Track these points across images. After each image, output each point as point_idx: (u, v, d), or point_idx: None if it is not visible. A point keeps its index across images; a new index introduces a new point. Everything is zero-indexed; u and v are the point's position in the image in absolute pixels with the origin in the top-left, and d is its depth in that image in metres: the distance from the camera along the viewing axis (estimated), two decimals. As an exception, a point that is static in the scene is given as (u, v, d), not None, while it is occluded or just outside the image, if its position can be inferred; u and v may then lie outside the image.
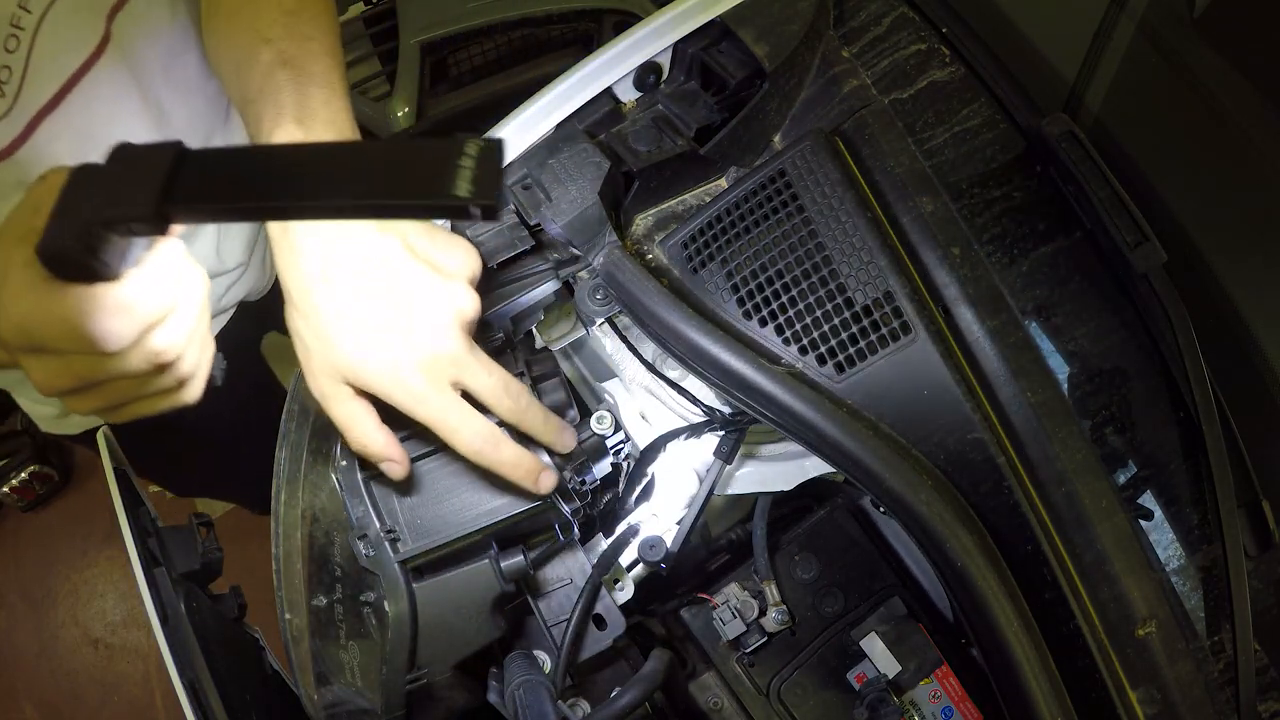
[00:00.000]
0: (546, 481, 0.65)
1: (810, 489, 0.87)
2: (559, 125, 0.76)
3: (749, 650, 0.87)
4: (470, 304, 0.61)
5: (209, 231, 0.98)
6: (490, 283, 0.72)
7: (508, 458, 0.63)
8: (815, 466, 0.83)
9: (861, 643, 0.84)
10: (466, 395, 0.62)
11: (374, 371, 0.59)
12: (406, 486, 0.69)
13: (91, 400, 0.53)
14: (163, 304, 0.50)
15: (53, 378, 0.50)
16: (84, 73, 0.75)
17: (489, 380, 0.62)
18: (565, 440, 0.67)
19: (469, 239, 0.69)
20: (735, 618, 0.85)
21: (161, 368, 0.53)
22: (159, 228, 0.44)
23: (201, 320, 0.55)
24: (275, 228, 0.61)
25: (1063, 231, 0.78)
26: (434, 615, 0.70)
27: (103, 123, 0.79)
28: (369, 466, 0.69)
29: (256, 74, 0.66)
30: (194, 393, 0.57)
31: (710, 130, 0.76)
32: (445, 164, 0.40)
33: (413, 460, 0.70)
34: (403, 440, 0.70)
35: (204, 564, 0.81)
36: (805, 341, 0.67)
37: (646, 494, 0.84)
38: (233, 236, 1.02)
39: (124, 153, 0.44)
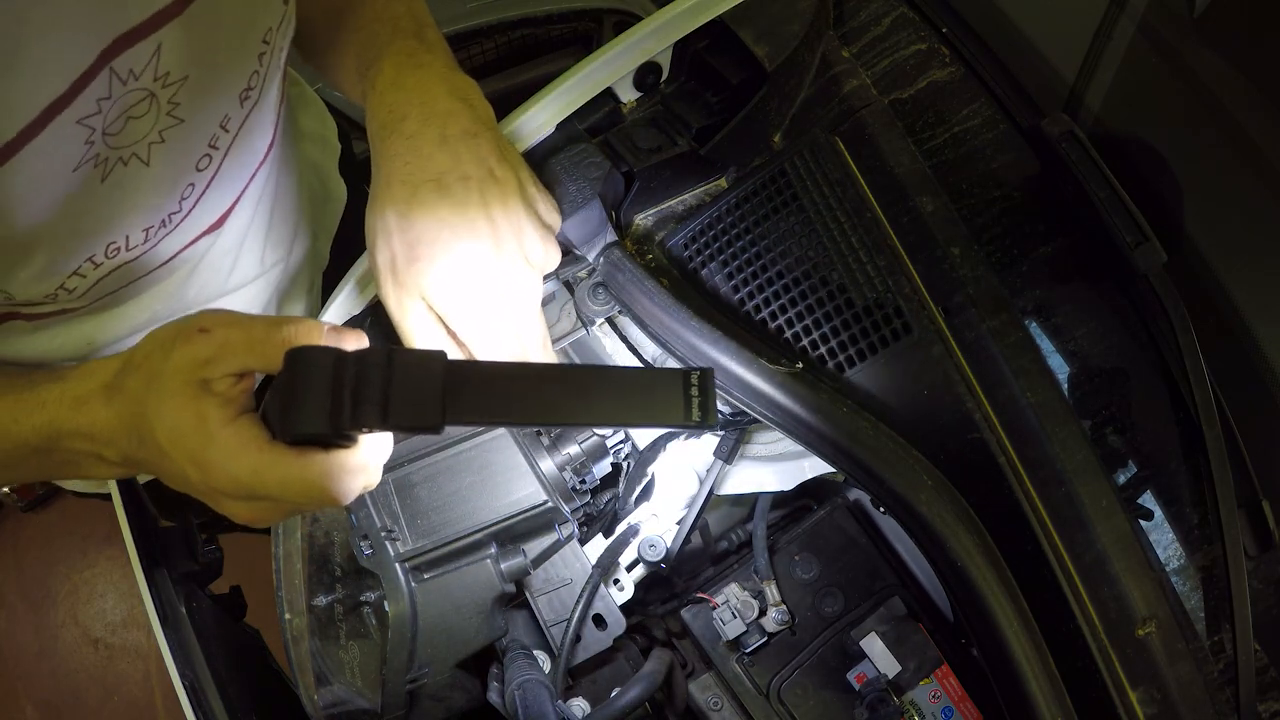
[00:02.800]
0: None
1: (810, 489, 0.87)
2: (559, 125, 0.76)
3: (749, 650, 0.87)
4: (537, 293, 0.66)
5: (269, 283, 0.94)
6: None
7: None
8: (815, 466, 0.83)
9: (861, 643, 0.84)
10: None
11: (456, 308, 0.62)
12: (406, 486, 0.69)
13: (272, 520, 0.57)
14: (385, 455, 0.55)
15: (259, 516, 0.54)
16: (251, 179, 0.73)
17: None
18: None
19: None
20: (735, 618, 0.85)
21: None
22: (436, 430, 0.49)
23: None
24: (381, 138, 0.63)
25: (1063, 231, 0.78)
26: (434, 615, 0.70)
27: (242, 234, 0.77)
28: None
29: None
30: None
31: (710, 130, 0.76)
32: (678, 393, 0.49)
33: (413, 460, 0.70)
34: (407, 440, 0.70)
35: (204, 564, 0.81)
36: (805, 341, 0.67)
37: (646, 494, 0.84)
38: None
39: (384, 355, 0.48)
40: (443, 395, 0.47)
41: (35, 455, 0.56)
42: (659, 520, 0.83)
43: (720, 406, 0.80)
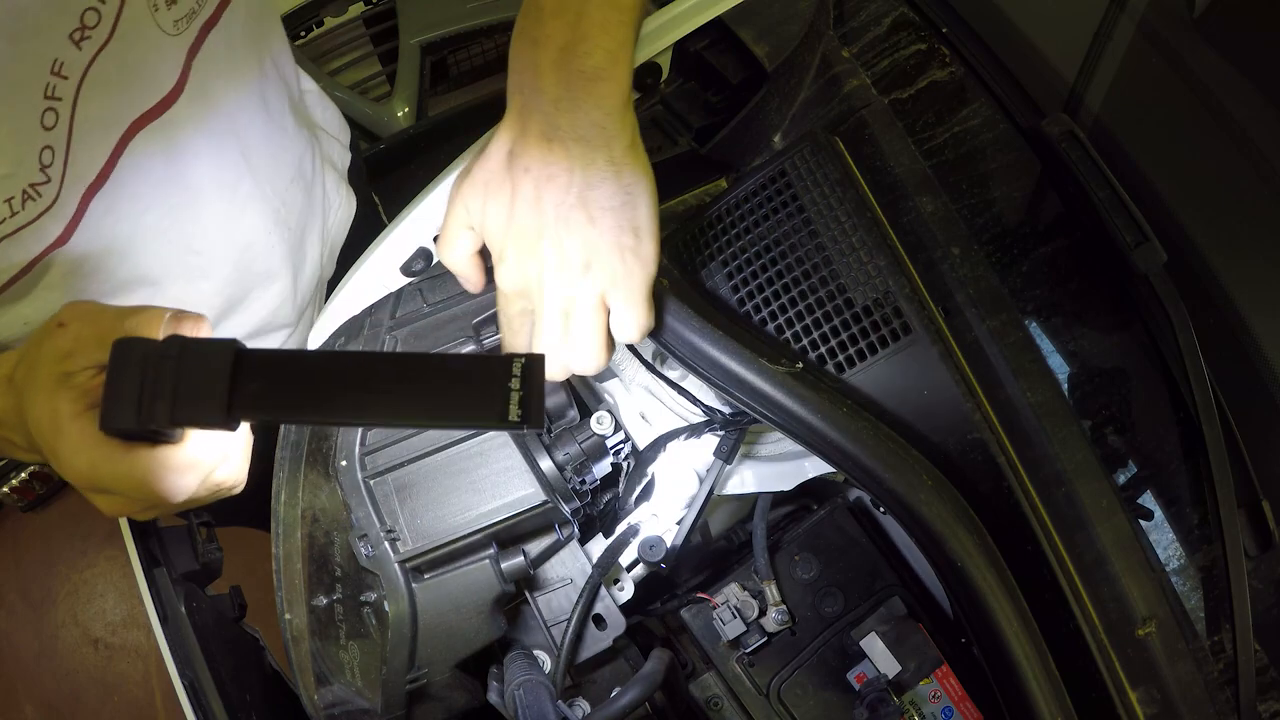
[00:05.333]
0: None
1: (810, 489, 0.87)
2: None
3: (749, 650, 0.87)
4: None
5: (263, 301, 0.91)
6: (489, 283, 0.72)
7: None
8: (815, 466, 0.83)
9: (861, 643, 0.84)
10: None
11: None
12: (407, 486, 0.69)
13: (155, 514, 0.57)
14: (222, 451, 0.54)
15: (118, 509, 0.54)
16: (140, 126, 0.67)
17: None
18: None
19: None
20: (735, 618, 0.85)
21: (219, 490, 0.57)
22: (226, 428, 0.47)
23: (248, 442, 0.58)
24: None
25: (1063, 231, 0.78)
26: (434, 615, 0.70)
27: (161, 185, 0.71)
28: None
29: None
30: (239, 489, 0.60)
31: (710, 130, 0.76)
32: (496, 386, 0.43)
33: (413, 460, 0.70)
34: (406, 438, 0.70)
35: (204, 564, 0.81)
36: (805, 341, 0.67)
37: (646, 494, 0.84)
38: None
39: (177, 347, 0.46)
40: (229, 391, 0.45)
41: None
42: (659, 520, 0.83)
43: (720, 406, 0.80)
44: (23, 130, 0.58)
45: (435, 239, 0.69)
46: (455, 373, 0.45)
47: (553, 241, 0.57)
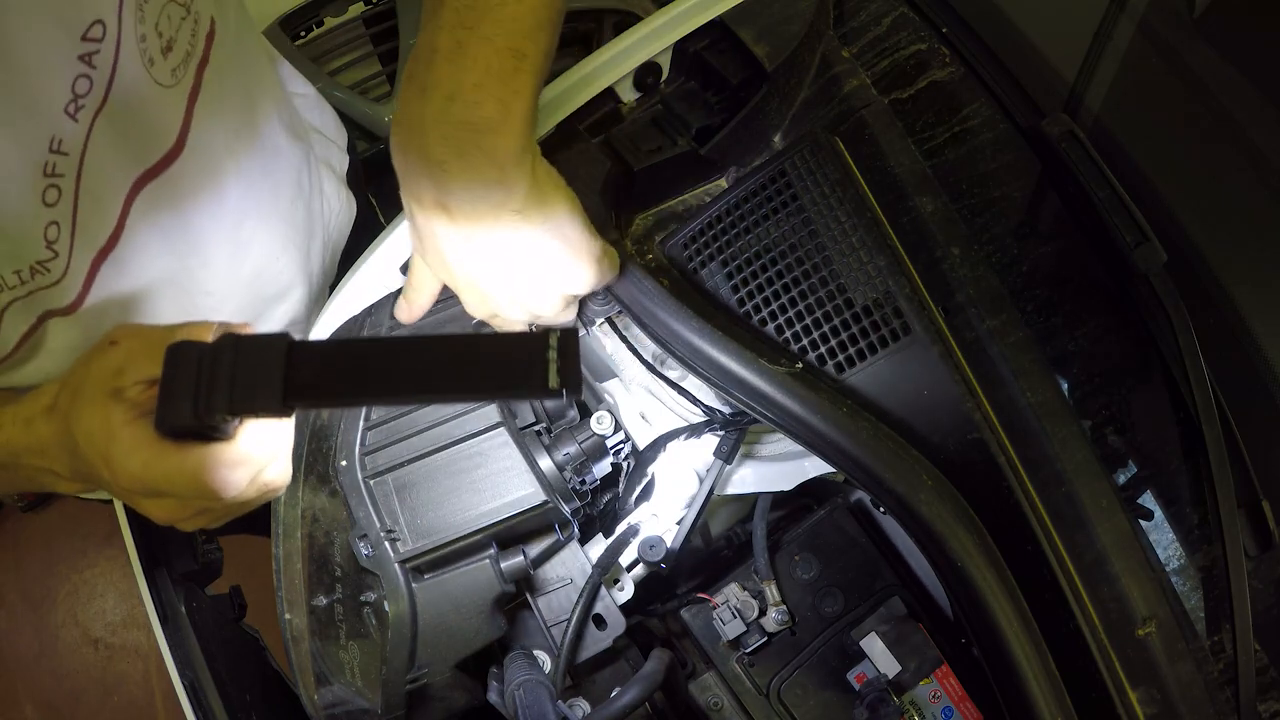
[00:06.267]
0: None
1: (810, 489, 0.87)
2: (559, 125, 0.76)
3: (749, 650, 0.87)
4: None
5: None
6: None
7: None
8: (815, 466, 0.83)
9: (861, 643, 0.84)
10: None
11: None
12: (406, 486, 0.69)
13: (204, 521, 0.58)
14: (273, 449, 0.55)
15: (171, 514, 0.55)
16: (145, 182, 0.66)
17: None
18: None
19: None
20: (735, 618, 0.85)
21: (269, 491, 0.57)
22: (282, 416, 0.49)
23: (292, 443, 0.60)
24: (402, 149, 0.59)
25: (1063, 231, 0.78)
26: (434, 615, 0.70)
27: (168, 236, 0.70)
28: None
29: None
30: (285, 490, 0.61)
31: (710, 130, 0.76)
32: (537, 358, 0.45)
33: (413, 460, 0.70)
34: (406, 438, 0.70)
35: (204, 564, 0.81)
36: (805, 342, 0.67)
37: (646, 494, 0.84)
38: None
39: (232, 341, 0.48)
40: (285, 378, 0.46)
41: (3, 470, 0.59)
42: (659, 520, 0.83)
43: (720, 406, 0.80)
44: (24, 213, 0.58)
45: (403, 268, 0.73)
46: (496, 349, 0.47)
47: (492, 285, 0.61)
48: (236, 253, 0.78)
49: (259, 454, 0.53)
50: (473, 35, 0.54)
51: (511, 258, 0.60)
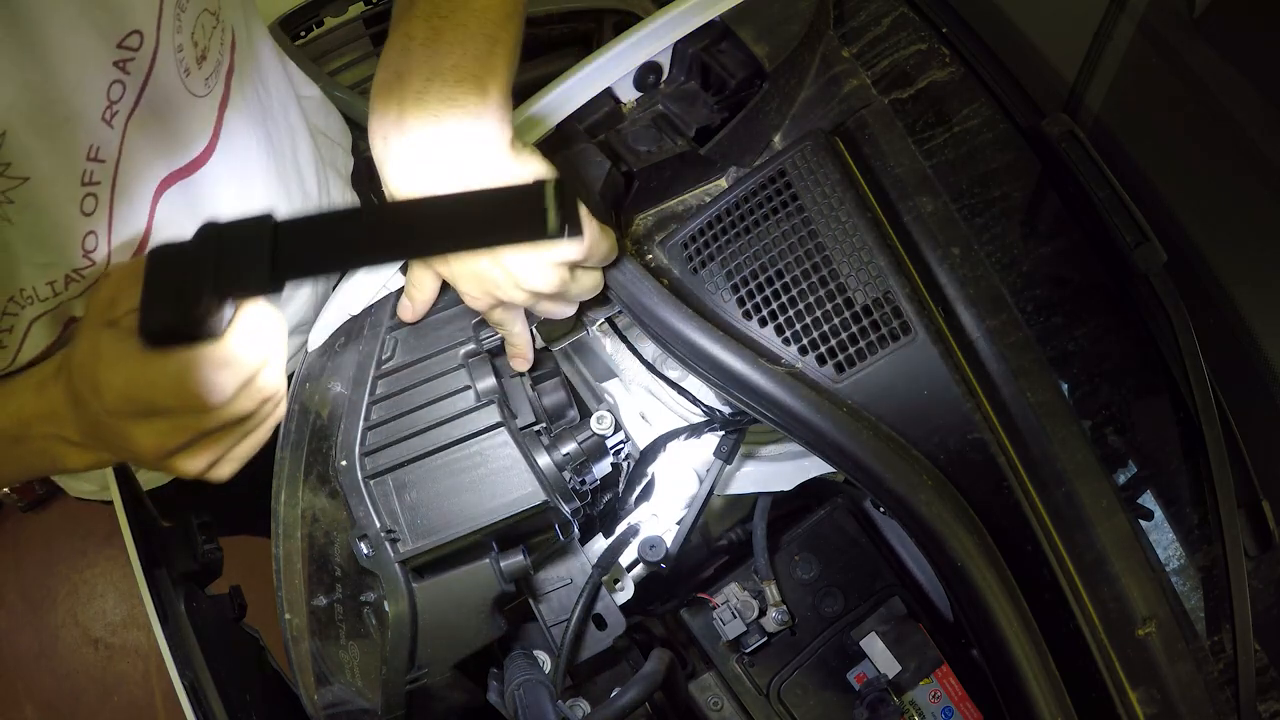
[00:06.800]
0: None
1: (810, 489, 0.87)
2: (559, 125, 0.76)
3: (749, 650, 0.87)
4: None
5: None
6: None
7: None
8: (815, 466, 0.83)
9: (861, 643, 0.84)
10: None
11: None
12: (406, 487, 0.69)
13: (203, 455, 0.56)
14: (263, 350, 0.53)
15: (164, 439, 0.53)
16: (169, 184, 0.67)
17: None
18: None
19: None
20: (735, 618, 0.85)
21: (265, 403, 0.56)
22: (273, 293, 0.47)
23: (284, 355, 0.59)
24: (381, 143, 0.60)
25: (1063, 231, 0.78)
26: (434, 615, 0.70)
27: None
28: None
29: None
30: (280, 416, 0.61)
31: (710, 130, 0.76)
32: (534, 205, 0.44)
33: (412, 461, 0.70)
34: (406, 439, 0.70)
35: (204, 564, 0.81)
36: (805, 341, 0.67)
37: (646, 494, 0.84)
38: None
39: (214, 230, 0.47)
40: (273, 255, 0.45)
41: (13, 446, 0.57)
42: (659, 520, 0.83)
43: (720, 406, 0.80)
44: (65, 224, 0.58)
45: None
46: (492, 201, 0.47)
47: (484, 265, 0.61)
48: None
49: (248, 355, 0.52)
50: (448, 23, 0.57)
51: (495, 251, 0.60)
